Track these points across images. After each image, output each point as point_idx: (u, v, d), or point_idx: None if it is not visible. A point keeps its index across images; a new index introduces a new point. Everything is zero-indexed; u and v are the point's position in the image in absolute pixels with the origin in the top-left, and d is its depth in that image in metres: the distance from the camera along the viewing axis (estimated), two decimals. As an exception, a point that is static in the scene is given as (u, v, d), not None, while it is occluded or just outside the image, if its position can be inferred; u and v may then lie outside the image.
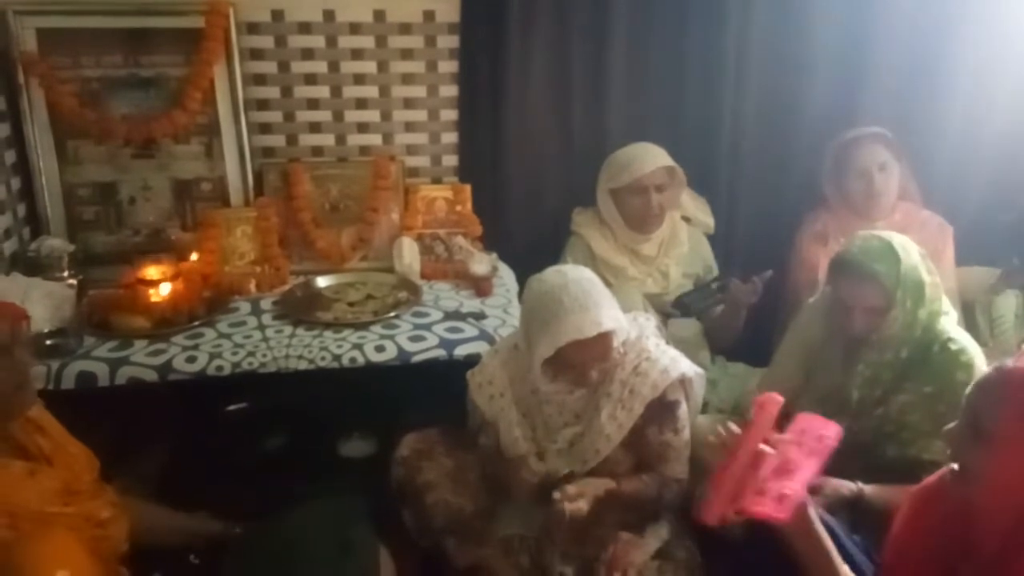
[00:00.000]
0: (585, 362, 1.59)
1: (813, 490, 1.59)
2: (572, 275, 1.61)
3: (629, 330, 1.67)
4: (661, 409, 1.65)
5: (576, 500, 1.54)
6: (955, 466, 1.15)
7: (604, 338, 1.56)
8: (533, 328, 1.60)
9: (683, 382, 1.69)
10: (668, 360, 1.66)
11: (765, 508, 1.20)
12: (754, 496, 1.21)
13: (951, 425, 1.17)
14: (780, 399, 1.29)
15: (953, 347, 1.66)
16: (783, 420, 1.30)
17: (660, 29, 2.39)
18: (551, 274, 1.63)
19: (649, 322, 1.77)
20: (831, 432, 1.30)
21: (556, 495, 1.54)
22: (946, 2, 2.39)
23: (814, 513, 1.25)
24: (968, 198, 2.52)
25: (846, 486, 1.58)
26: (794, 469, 1.23)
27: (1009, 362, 1.13)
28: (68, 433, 1.49)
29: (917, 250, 1.67)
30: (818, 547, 1.24)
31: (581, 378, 1.62)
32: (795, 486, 1.21)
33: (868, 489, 1.57)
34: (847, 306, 1.68)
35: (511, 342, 1.79)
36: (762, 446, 1.24)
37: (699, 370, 1.73)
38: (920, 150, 2.39)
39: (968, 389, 1.15)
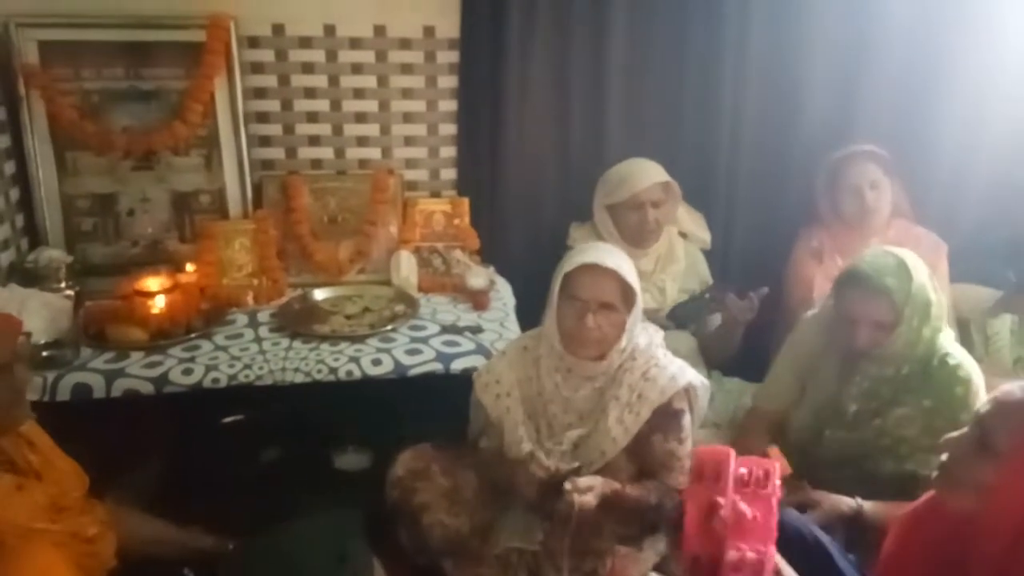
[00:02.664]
0: (588, 303, 1.62)
1: (811, 505, 1.58)
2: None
3: (639, 336, 1.70)
4: (666, 417, 1.66)
5: (586, 493, 1.55)
6: (943, 475, 1.14)
7: (616, 281, 1.63)
8: (564, 265, 1.68)
9: (688, 392, 1.70)
10: (676, 368, 1.69)
11: None
12: (728, 573, 1.19)
13: (953, 434, 1.16)
14: (729, 452, 1.25)
15: (951, 362, 1.66)
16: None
17: (658, 44, 2.41)
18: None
19: (658, 334, 1.80)
20: (773, 469, 1.27)
21: (567, 485, 1.55)
22: (941, 18, 2.41)
23: (782, 561, 1.22)
24: (962, 215, 2.53)
25: (845, 503, 1.57)
26: (751, 527, 1.20)
27: None
28: (58, 448, 1.48)
29: (925, 269, 1.67)
30: None
31: (579, 325, 1.63)
32: (761, 547, 1.19)
33: (868, 506, 1.57)
34: (852, 320, 1.66)
35: (520, 344, 1.80)
36: (720, 511, 1.21)
37: (704, 381, 1.75)
38: (915, 167, 2.40)
39: (984, 405, 1.13)
